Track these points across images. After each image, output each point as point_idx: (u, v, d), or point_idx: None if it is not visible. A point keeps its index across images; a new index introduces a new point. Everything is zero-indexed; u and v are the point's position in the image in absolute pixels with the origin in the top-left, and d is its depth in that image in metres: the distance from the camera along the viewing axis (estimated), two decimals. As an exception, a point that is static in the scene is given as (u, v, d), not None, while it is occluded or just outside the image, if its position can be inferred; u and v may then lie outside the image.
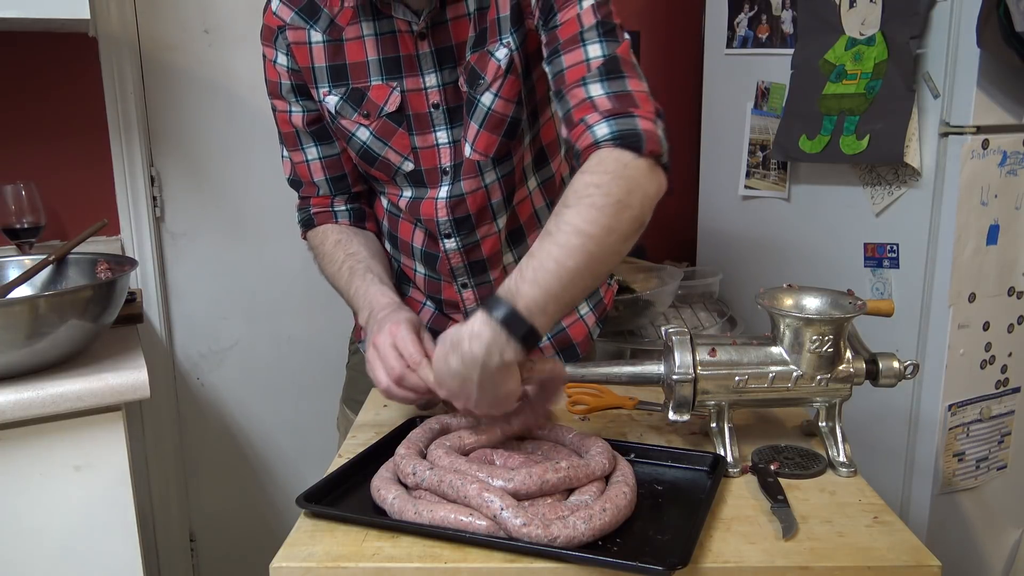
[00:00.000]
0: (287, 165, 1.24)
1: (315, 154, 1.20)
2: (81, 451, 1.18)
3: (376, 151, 1.15)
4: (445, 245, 1.18)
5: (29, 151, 1.73)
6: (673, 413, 0.95)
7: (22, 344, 1.11)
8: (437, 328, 1.23)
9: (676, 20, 2.41)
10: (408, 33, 1.08)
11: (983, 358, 1.74)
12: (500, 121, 1.09)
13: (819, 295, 0.96)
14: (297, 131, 1.19)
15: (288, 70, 1.14)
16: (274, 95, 1.18)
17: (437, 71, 1.09)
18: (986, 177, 1.64)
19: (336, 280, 1.17)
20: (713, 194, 2.24)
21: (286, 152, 1.23)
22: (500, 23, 1.05)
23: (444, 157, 1.14)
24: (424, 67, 1.09)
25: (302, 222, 1.26)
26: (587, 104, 0.95)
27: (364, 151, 1.15)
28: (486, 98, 1.08)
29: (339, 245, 1.19)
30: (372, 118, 1.12)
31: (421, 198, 1.17)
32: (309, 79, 1.14)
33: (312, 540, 0.79)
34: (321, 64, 1.12)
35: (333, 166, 1.21)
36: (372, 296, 1.09)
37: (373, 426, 1.09)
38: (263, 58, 1.17)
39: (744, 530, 0.80)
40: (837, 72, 1.76)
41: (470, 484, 0.78)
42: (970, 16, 1.55)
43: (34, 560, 1.18)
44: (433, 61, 1.09)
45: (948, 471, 1.75)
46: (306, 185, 1.23)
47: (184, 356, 1.97)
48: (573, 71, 0.97)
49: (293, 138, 1.20)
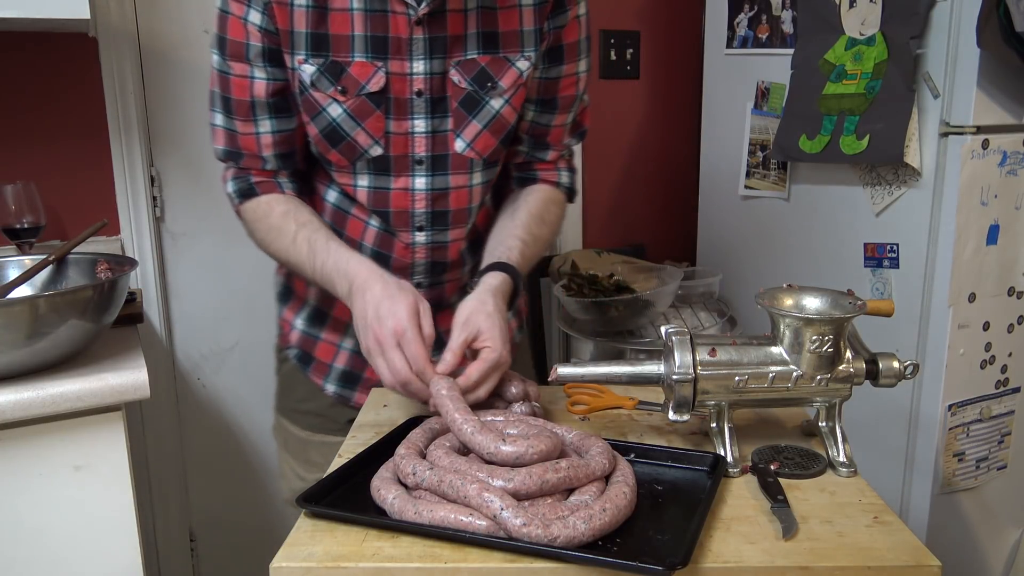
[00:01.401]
0: (223, 135, 1.12)
1: (269, 127, 1.11)
2: (81, 451, 1.18)
3: (346, 131, 1.09)
4: (415, 239, 1.16)
5: (29, 151, 1.73)
6: (673, 413, 0.95)
7: (22, 344, 1.11)
8: None
9: (676, 20, 2.42)
10: (404, 15, 1.05)
11: (983, 358, 1.74)
12: (503, 127, 1.14)
13: (819, 295, 0.96)
14: (254, 101, 1.09)
15: (262, 31, 1.05)
16: (235, 57, 1.07)
17: (427, 59, 1.08)
18: (986, 177, 1.64)
19: (290, 254, 1.09)
20: (713, 194, 2.25)
21: (227, 120, 1.11)
22: (524, 36, 1.11)
23: (419, 146, 1.11)
24: (415, 53, 1.07)
25: (239, 192, 1.14)
26: (563, 157, 1.27)
27: (332, 129, 1.09)
28: (497, 102, 1.12)
29: (288, 216, 1.10)
30: (349, 95, 1.07)
31: (386, 188, 1.13)
32: (286, 43, 1.06)
33: (312, 540, 0.79)
34: (302, 30, 1.05)
35: (285, 142, 1.13)
36: (349, 266, 1.02)
37: (373, 426, 1.08)
38: (223, 14, 1.06)
39: (744, 530, 0.80)
40: (837, 72, 1.76)
41: (470, 484, 0.78)
42: (970, 16, 1.55)
43: (34, 560, 1.18)
44: (425, 48, 1.07)
45: (948, 471, 1.75)
46: (248, 157, 1.13)
47: (184, 356, 1.97)
48: (560, 129, 1.22)
49: (247, 108, 1.10)
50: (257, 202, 1.13)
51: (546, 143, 1.23)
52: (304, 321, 1.27)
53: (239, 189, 1.15)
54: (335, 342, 1.25)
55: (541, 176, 1.25)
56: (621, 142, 2.43)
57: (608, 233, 2.45)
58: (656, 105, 2.45)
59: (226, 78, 1.09)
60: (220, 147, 1.14)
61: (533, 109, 1.20)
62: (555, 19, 1.13)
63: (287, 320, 1.30)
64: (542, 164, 1.25)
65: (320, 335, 1.26)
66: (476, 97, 1.11)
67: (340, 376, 1.26)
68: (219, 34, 1.08)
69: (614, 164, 2.43)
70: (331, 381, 1.26)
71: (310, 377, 1.27)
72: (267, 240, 1.13)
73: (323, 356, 1.26)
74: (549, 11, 1.12)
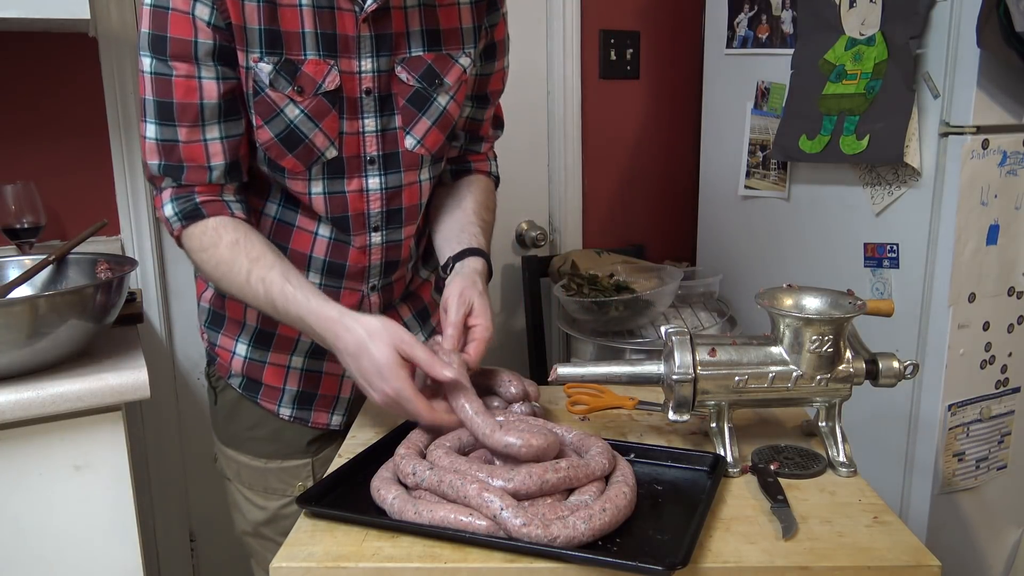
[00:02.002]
0: (159, 148, 1.02)
1: (218, 133, 1.02)
2: (81, 451, 1.18)
3: (304, 133, 1.04)
4: (371, 240, 1.15)
5: (29, 151, 1.73)
6: (673, 413, 0.95)
7: (22, 344, 1.11)
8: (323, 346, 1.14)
9: (676, 20, 2.42)
10: (350, 12, 1.02)
11: (983, 358, 1.74)
12: (449, 122, 1.15)
13: (819, 295, 0.96)
14: (203, 104, 1.00)
15: (211, 27, 0.97)
16: (179, 56, 0.98)
17: (374, 57, 1.06)
18: (986, 177, 1.64)
19: (245, 293, 1.01)
20: (713, 194, 2.25)
21: (167, 130, 1.01)
22: (464, 33, 1.12)
23: (370, 146, 1.10)
24: (362, 50, 1.05)
25: (181, 214, 1.03)
26: (490, 148, 1.33)
27: (290, 132, 1.04)
28: (443, 99, 1.12)
29: (238, 247, 1.01)
30: (306, 95, 1.03)
31: (341, 191, 1.10)
32: (239, 40, 0.99)
33: (312, 540, 0.79)
34: (255, 26, 0.99)
35: (233, 149, 1.04)
36: (313, 310, 0.97)
37: (373, 426, 1.09)
38: (160, 10, 0.97)
39: (744, 530, 0.80)
40: (837, 72, 1.76)
41: (470, 484, 0.78)
42: (970, 16, 1.55)
43: (34, 560, 1.18)
44: (372, 46, 1.05)
45: (948, 471, 1.75)
46: (192, 170, 1.03)
47: (184, 356, 1.97)
48: (489, 122, 1.28)
49: (194, 112, 1.00)
50: (204, 226, 1.03)
51: (479, 136, 1.28)
52: (246, 346, 1.20)
53: (182, 211, 1.03)
54: (283, 363, 1.21)
55: (475, 167, 1.29)
56: (621, 142, 2.43)
57: (608, 233, 2.45)
58: (656, 105, 2.45)
59: (167, 81, 0.99)
60: (155, 162, 1.03)
61: (470, 105, 1.23)
62: (490, 17, 1.16)
63: (224, 348, 1.22)
64: (475, 155, 1.30)
65: (266, 358, 1.20)
66: (424, 94, 1.10)
67: (294, 398, 1.22)
68: (154, 32, 0.97)
69: (614, 164, 2.43)
70: (285, 404, 1.22)
71: (260, 403, 1.22)
72: (216, 274, 1.04)
73: (272, 380, 1.21)
74: (485, 9, 1.14)
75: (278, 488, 1.23)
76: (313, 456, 1.24)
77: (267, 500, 1.24)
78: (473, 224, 1.19)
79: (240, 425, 1.24)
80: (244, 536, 1.31)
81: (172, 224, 1.05)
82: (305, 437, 1.24)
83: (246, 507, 1.27)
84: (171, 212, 1.04)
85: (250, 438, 1.24)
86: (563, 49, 2.25)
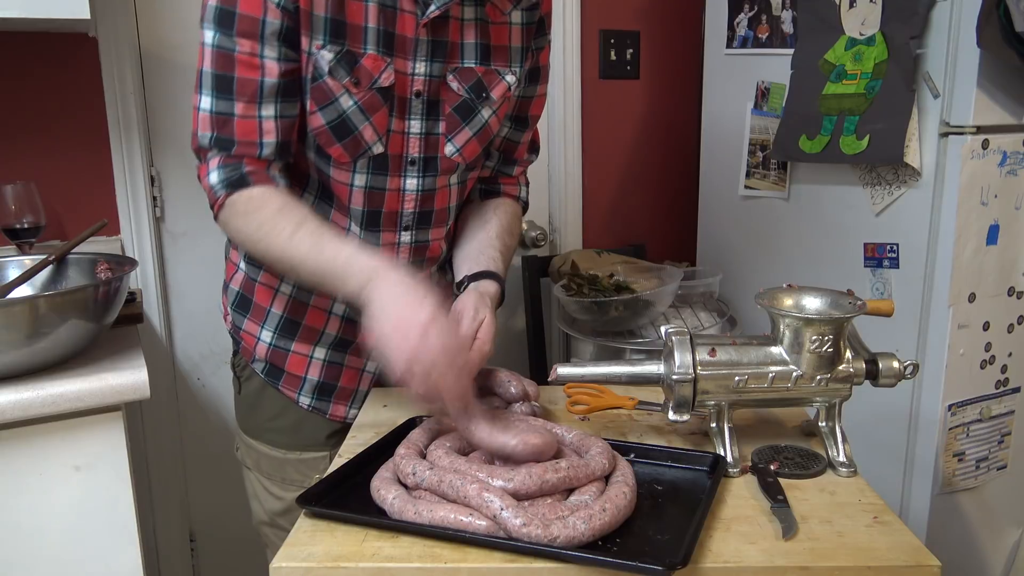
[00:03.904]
0: (212, 120, 1.03)
1: (274, 112, 1.04)
2: (81, 451, 1.18)
3: (355, 124, 1.06)
4: (400, 239, 1.17)
5: (29, 151, 1.73)
6: (673, 413, 0.95)
7: (22, 344, 1.11)
8: (346, 337, 1.21)
9: (676, 20, 2.41)
10: (412, 15, 1.05)
11: (983, 358, 1.74)
12: (488, 136, 1.18)
13: (819, 295, 0.96)
14: (263, 82, 1.02)
15: (281, 8, 1.00)
16: (245, 34, 1.00)
17: (429, 61, 1.09)
18: (986, 177, 1.64)
19: (286, 251, 1.00)
20: (713, 194, 2.25)
21: (223, 103, 1.02)
22: (512, 52, 1.15)
23: (413, 147, 1.12)
24: (418, 53, 1.08)
25: (227, 182, 1.03)
26: (523, 174, 1.34)
27: (341, 122, 1.06)
28: (486, 112, 1.15)
29: (283, 212, 1.02)
30: (362, 88, 1.05)
31: (382, 188, 1.13)
32: (305, 26, 1.01)
33: (312, 540, 0.79)
34: (322, 14, 1.01)
35: (287, 129, 1.06)
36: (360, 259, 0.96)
37: (373, 426, 1.09)
38: None
39: (744, 530, 0.80)
40: (837, 72, 1.76)
41: (470, 484, 0.79)
42: (970, 16, 1.55)
43: (34, 560, 1.18)
44: (428, 51, 1.08)
45: (948, 471, 1.75)
46: (243, 144, 1.04)
47: (184, 356, 1.97)
48: (523, 146, 1.29)
49: (253, 89, 1.02)
50: (249, 193, 1.03)
51: (512, 159, 1.30)
52: (272, 333, 1.22)
53: (228, 179, 1.03)
54: (306, 353, 1.23)
55: (504, 189, 1.31)
56: (621, 142, 2.43)
57: (608, 233, 2.45)
58: (656, 105, 2.45)
59: (229, 56, 1.00)
60: (207, 133, 1.04)
61: (508, 126, 1.26)
62: (537, 40, 1.19)
63: (249, 333, 1.24)
64: (506, 178, 1.31)
65: (290, 347, 1.22)
66: (470, 105, 1.13)
67: (314, 388, 1.24)
68: (223, 7, 0.99)
69: (614, 164, 2.43)
70: (305, 394, 1.24)
71: (281, 390, 1.24)
72: (256, 236, 1.03)
73: (295, 369, 1.23)
74: (534, 32, 1.18)
75: (296, 479, 1.24)
76: (331, 449, 1.25)
77: (285, 491, 1.26)
78: (494, 247, 1.20)
79: (262, 415, 1.26)
80: (261, 526, 1.33)
81: (216, 192, 1.04)
82: (324, 430, 1.25)
83: (264, 497, 1.29)
84: (217, 180, 1.04)
85: (270, 428, 1.26)
86: (563, 49, 2.25)
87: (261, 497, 1.30)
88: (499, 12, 1.13)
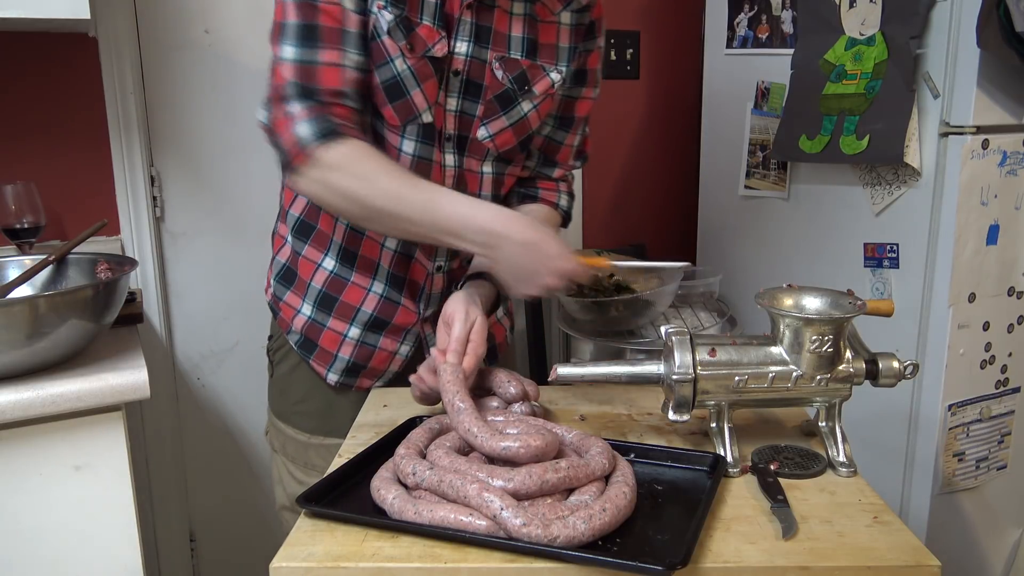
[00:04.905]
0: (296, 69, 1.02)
1: (355, 61, 1.05)
2: (81, 451, 1.18)
3: (407, 87, 1.08)
4: None
5: (29, 151, 1.73)
6: (673, 413, 0.95)
7: (22, 344, 1.11)
8: (382, 317, 1.22)
9: (676, 20, 2.42)
10: None
11: (983, 358, 1.74)
12: (525, 129, 1.19)
13: (819, 295, 0.96)
14: (345, 31, 1.03)
15: None
16: None
17: (470, 42, 1.10)
18: (986, 177, 1.64)
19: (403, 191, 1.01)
20: (713, 194, 2.25)
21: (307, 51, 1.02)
22: (559, 50, 1.17)
23: (450, 124, 1.14)
24: (460, 33, 1.09)
25: (321, 133, 1.01)
26: (566, 177, 1.33)
27: (394, 83, 1.08)
28: (527, 105, 1.17)
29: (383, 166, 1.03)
30: (415, 54, 1.07)
31: (429, 159, 1.14)
32: None
33: (312, 540, 0.79)
34: None
35: (364, 82, 1.07)
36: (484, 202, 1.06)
37: (373, 426, 1.09)
38: None
39: (744, 530, 0.80)
40: (837, 72, 1.76)
41: (470, 484, 0.78)
42: (970, 16, 1.55)
43: (34, 560, 1.18)
44: (470, 32, 1.10)
45: (948, 471, 1.75)
46: (328, 93, 1.03)
47: (184, 356, 1.97)
48: (568, 149, 1.29)
49: (338, 36, 1.03)
50: (348, 144, 1.02)
51: (554, 161, 1.30)
52: (311, 307, 1.24)
53: (320, 131, 1.01)
54: (341, 331, 1.23)
55: (542, 195, 1.30)
56: (621, 142, 2.43)
57: (608, 233, 2.45)
58: (656, 105, 2.45)
59: (312, 6, 1.01)
60: (291, 81, 1.02)
61: (551, 125, 1.26)
62: (586, 43, 1.21)
63: (290, 305, 1.26)
64: (545, 182, 1.31)
65: (327, 323, 1.23)
66: (511, 95, 1.15)
67: (345, 367, 1.25)
68: None
69: (614, 164, 2.43)
70: (334, 371, 1.25)
71: (312, 365, 1.25)
72: (355, 189, 1.01)
73: (328, 345, 1.24)
74: (583, 34, 1.20)
75: (318, 464, 1.25)
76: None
77: (306, 475, 1.27)
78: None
79: (290, 398, 1.28)
80: (282, 511, 1.33)
81: (305, 144, 1.01)
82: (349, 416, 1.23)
83: (288, 481, 1.30)
84: (308, 131, 1.01)
85: (298, 412, 1.27)
86: (563, 49, 2.25)
87: (285, 481, 1.31)
88: (548, 11, 1.15)
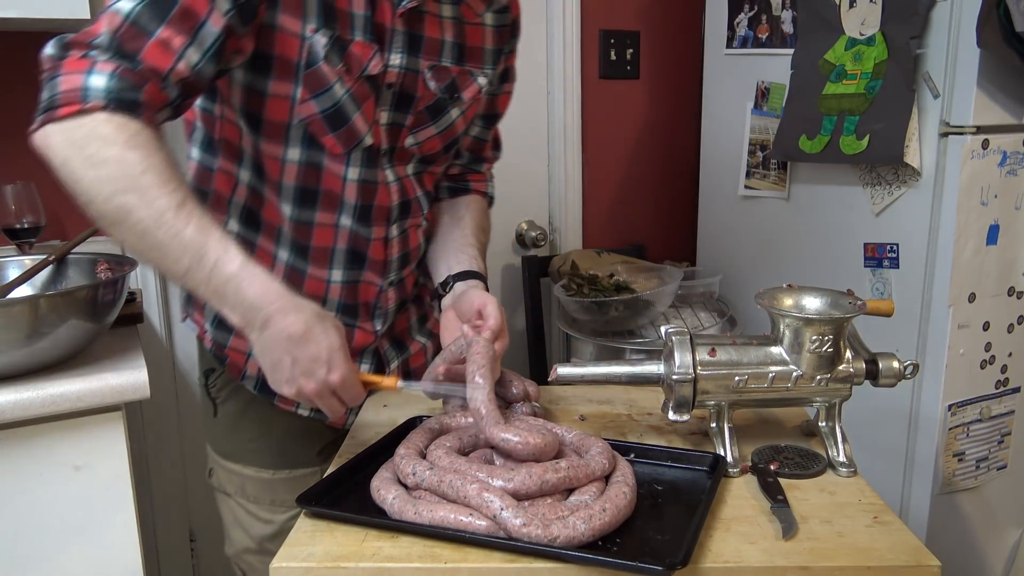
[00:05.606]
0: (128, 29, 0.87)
1: (196, 60, 0.90)
2: (81, 451, 1.18)
3: (348, 114, 1.02)
4: (390, 232, 1.13)
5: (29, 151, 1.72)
6: (673, 413, 0.95)
7: (22, 344, 1.11)
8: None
9: (676, 20, 2.42)
10: (390, 4, 1.02)
11: (983, 358, 1.74)
12: (451, 135, 1.17)
13: (819, 295, 0.96)
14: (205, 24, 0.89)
15: None
16: None
17: (404, 54, 1.05)
18: (986, 177, 1.64)
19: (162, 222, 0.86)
20: (713, 194, 2.25)
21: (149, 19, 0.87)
22: (485, 53, 1.15)
23: (382, 138, 1.08)
24: (394, 44, 1.04)
25: (116, 94, 0.85)
26: (489, 169, 1.35)
27: (336, 110, 1.01)
28: (454, 112, 1.15)
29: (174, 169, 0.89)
30: (352, 76, 1.01)
31: (374, 181, 1.09)
32: (297, 9, 0.96)
33: (312, 540, 0.79)
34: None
35: (189, 89, 0.93)
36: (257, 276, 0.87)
37: (373, 426, 1.09)
38: None
39: (744, 530, 0.80)
40: (837, 72, 1.76)
41: (470, 484, 0.78)
42: (970, 16, 1.55)
43: (34, 560, 1.18)
44: (404, 42, 1.05)
45: (948, 471, 1.75)
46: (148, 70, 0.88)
47: (184, 356, 1.97)
48: (489, 143, 1.31)
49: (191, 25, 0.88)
50: (137, 125, 0.86)
51: (481, 156, 1.32)
52: None
53: (118, 90, 0.85)
54: None
55: (474, 187, 1.31)
56: (621, 142, 2.43)
57: (608, 233, 2.45)
58: (656, 105, 2.45)
59: None
60: (110, 32, 0.87)
61: (479, 125, 1.26)
62: (509, 43, 1.20)
63: (237, 350, 1.17)
64: (475, 175, 1.32)
65: None
66: (441, 105, 1.12)
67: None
68: None
69: (614, 164, 2.43)
70: (304, 407, 1.18)
71: (278, 404, 1.18)
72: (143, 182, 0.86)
73: None
74: (506, 35, 1.18)
75: (287, 499, 1.20)
76: (322, 464, 1.21)
77: (274, 513, 1.22)
78: (472, 246, 1.21)
79: (244, 436, 1.21)
80: (243, 555, 1.27)
81: (90, 95, 0.85)
82: (313, 446, 1.22)
83: (249, 522, 1.24)
84: (102, 84, 0.85)
85: (254, 449, 1.21)
86: (563, 49, 2.25)
87: (245, 524, 1.24)
88: (473, 13, 1.11)
